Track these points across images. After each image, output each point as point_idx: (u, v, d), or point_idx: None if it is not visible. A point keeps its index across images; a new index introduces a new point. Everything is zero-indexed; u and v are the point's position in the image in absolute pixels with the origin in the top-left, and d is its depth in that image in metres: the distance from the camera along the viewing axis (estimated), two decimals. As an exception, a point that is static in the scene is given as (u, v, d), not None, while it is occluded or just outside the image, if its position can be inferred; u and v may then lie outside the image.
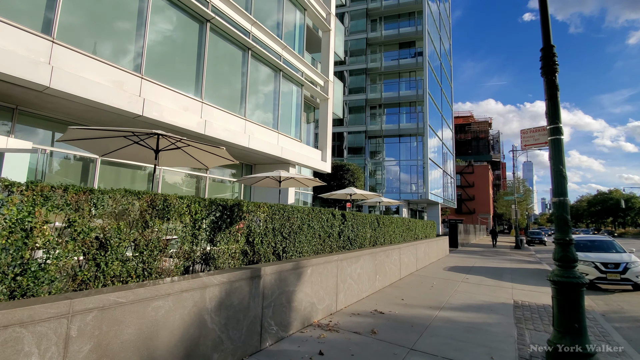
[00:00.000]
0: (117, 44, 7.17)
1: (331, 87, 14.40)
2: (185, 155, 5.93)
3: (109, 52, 6.99)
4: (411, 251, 10.60)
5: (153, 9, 7.79)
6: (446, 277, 10.15)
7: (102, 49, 6.88)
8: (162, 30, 8.12)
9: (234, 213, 4.26)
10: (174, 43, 8.33)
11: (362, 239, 7.92)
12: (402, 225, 11.14)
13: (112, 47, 7.05)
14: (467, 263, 14.17)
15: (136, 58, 7.34)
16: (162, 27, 8.12)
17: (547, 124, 4.24)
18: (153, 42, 7.80)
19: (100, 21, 6.93)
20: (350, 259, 6.38)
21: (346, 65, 36.09)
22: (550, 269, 13.50)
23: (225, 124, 9.17)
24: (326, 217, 6.41)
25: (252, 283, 3.86)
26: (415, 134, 33.48)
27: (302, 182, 9.27)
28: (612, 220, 68.15)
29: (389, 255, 8.51)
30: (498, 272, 11.77)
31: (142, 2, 7.57)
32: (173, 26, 8.37)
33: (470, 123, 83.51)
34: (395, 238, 10.45)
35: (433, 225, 16.42)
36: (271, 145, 10.64)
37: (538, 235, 33.44)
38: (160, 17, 8.06)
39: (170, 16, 8.30)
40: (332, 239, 6.60)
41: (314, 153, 13.54)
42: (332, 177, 26.00)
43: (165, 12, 8.16)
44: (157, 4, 7.92)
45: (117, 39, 7.20)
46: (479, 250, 22.18)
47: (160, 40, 7.99)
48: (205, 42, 8.88)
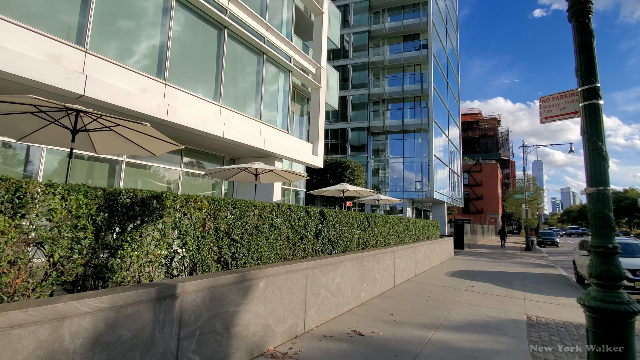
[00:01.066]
0: (53, 10, 6.14)
1: (324, 75, 13.26)
2: (121, 139, 4.86)
3: (43, 20, 5.96)
4: (409, 254, 9.41)
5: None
6: (448, 284, 8.94)
7: (34, 17, 5.86)
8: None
9: (150, 209, 3.17)
10: (130, 11, 7.26)
11: (347, 241, 6.78)
12: (399, 226, 9.95)
13: (48, 14, 6.02)
14: (472, 267, 12.91)
15: (80, 29, 6.30)
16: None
17: (578, 84, 3.05)
18: (102, 8, 6.75)
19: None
20: (326, 267, 5.25)
21: (349, 59, 34.87)
22: (565, 274, 12.17)
23: (194, 109, 8.11)
24: (298, 214, 5.29)
25: (160, 306, 2.76)
26: (419, 130, 32.12)
27: (282, 175, 8.16)
28: (628, 220, 65.53)
29: (380, 260, 7.35)
30: (507, 278, 10.50)
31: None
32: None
33: (478, 120, 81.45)
34: (391, 240, 9.28)
35: (436, 225, 15.16)
36: (252, 136, 9.56)
37: (550, 236, 31.78)
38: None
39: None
40: (307, 241, 5.48)
41: (304, 146, 12.42)
42: (331, 174, 24.87)
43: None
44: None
45: (53, 3, 6.18)
46: (487, 252, 20.82)
47: (111, 5, 6.93)
48: (170, 14, 7.81)
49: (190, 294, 3.03)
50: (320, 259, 5.18)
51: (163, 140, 4.60)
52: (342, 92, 34.39)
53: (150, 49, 7.51)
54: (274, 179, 8.57)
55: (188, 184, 9.87)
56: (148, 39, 7.53)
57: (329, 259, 5.37)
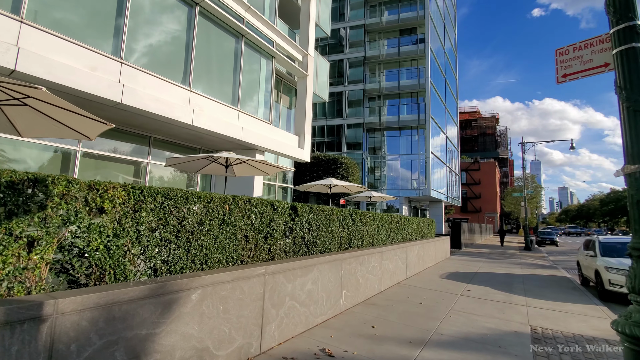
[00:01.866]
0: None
1: (311, 63, 12.39)
2: (45, 118, 3.99)
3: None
4: (399, 255, 8.58)
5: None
6: (442, 287, 8.11)
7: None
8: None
9: (25, 198, 2.31)
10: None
11: (326, 240, 5.94)
12: (389, 224, 9.12)
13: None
14: (470, 268, 12.09)
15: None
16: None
17: (610, 25, 2.21)
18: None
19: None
20: (292, 271, 4.40)
21: (344, 54, 34.01)
22: (568, 275, 11.37)
23: (158, 93, 7.23)
24: (261, 209, 4.44)
25: (12, 334, 1.91)
26: (416, 126, 31.30)
27: (258, 167, 7.30)
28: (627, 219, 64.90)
29: (364, 262, 6.50)
30: (507, 281, 9.69)
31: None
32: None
33: (476, 119, 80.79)
34: (380, 239, 8.45)
35: (431, 224, 14.35)
36: (227, 125, 8.69)
37: (549, 235, 31.05)
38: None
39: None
40: (273, 241, 4.64)
41: (289, 139, 11.55)
42: (324, 171, 24.03)
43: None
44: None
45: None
46: (485, 252, 20.02)
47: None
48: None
49: (71, 315, 2.17)
50: (285, 262, 4.33)
51: (91, 119, 3.73)
52: (338, 88, 33.55)
53: (102, 23, 6.63)
54: (250, 171, 7.71)
55: (158, 178, 9.00)
56: (103, 13, 6.65)
57: (297, 262, 4.52)
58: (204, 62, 8.57)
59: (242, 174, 7.84)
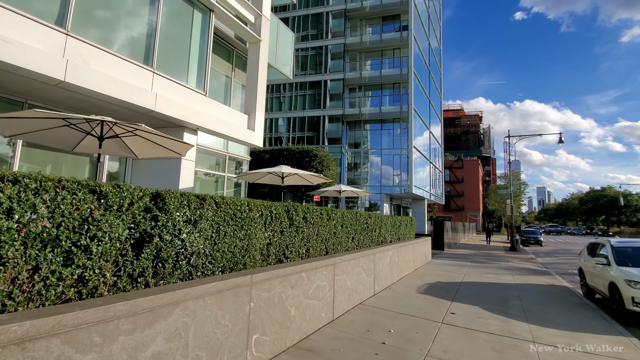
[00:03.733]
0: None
1: (266, 26, 10.11)
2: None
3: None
4: (364, 265, 6.48)
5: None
6: (418, 309, 6.06)
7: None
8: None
9: None
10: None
11: (235, 252, 3.74)
12: (353, 224, 7.01)
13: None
14: (453, 276, 10.17)
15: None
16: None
17: None
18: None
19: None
20: (125, 319, 2.17)
21: (324, 41, 31.77)
22: (567, 284, 9.61)
23: (10, 31, 4.84)
24: (53, 196, 2.19)
25: None
26: (399, 118, 29.49)
27: (156, 141, 5.00)
28: (605, 218, 65.65)
29: (300, 282, 4.34)
30: (500, 295, 7.76)
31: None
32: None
33: (460, 117, 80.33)
34: (340, 244, 6.34)
35: (410, 224, 12.37)
36: (132, 89, 6.35)
37: (534, 234, 29.90)
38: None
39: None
40: (92, 262, 2.41)
41: (234, 117, 9.24)
42: (297, 164, 21.81)
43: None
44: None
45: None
46: (469, 254, 18.31)
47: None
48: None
49: None
50: (80, 312, 2.09)
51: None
52: (317, 77, 31.37)
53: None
54: (155, 152, 5.39)
55: (36, 159, 6.57)
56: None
57: (122, 306, 2.28)
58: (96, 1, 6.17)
59: (146, 157, 5.51)
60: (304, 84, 32.06)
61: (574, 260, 17.71)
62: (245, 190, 11.68)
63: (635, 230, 53.79)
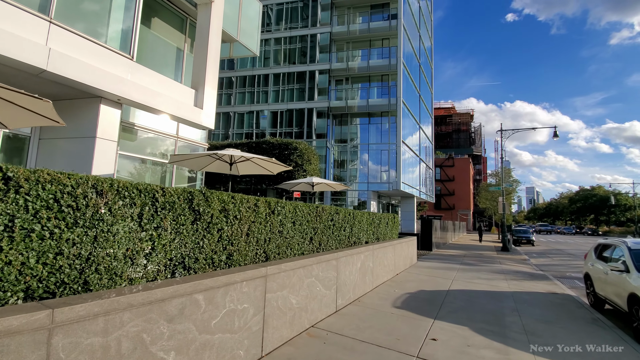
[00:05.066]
0: None
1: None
2: None
3: None
4: (320, 275, 4.96)
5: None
6: (388, 335, 4.56)
7: None
8: None
9: None
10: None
11: (62, 270, 2.16)
12: (312, 221, 5.49)
13: None
14: (439, 283, 8.74)
15: None
16: None
17: None
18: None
19: None
20: None
21: (309, 29, 30.17)
22: (569, 291, 8.26)
23: None
24: None
25: None
26: (387, 112, 28.09)
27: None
28: (594, 217, 65.49)
29: (187, 309, 2.78)
30: (494, 309, 6.33)
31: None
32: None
33: (452, 115, 79.60)
34: (290, 248, 4.82)
35: (393, 221, 10.91)
36: (15, 41, 4.71)
37: (525, 234, 28.84)
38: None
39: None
40: None
41: (175, 90, 7.59)
42: (276, 158, 20.21)
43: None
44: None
45: None
46: (459, 255, 16.98)
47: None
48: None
49: None
50: None
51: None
52: (302, 67, 29.79)
53: None
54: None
55: None
56: None
57: None
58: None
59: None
60: (289, 75, 30.42)
61: (569, 262, 16.53)
62: (202, 183, 10.06)
63: (624, 230, 53.60)
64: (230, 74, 32.43)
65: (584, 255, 8.52)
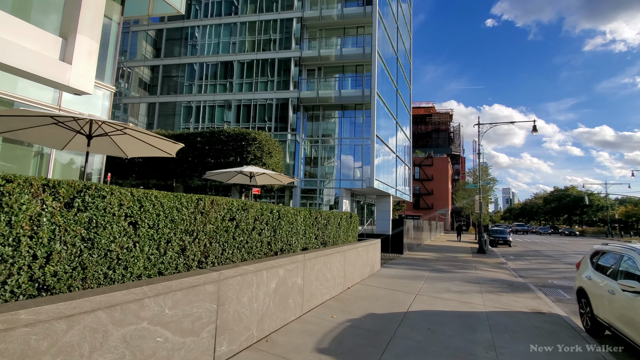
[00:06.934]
0: None
1: None
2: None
3: None
4: (169, 313, 2.88)
5: None
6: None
7: None
8: None
9: None
10: None
11: None
12: (195, 221, 3.39)
13: None
14: (399, 299, 6.84)
15: None
16: None
17: None
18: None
19: None
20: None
21: (278, 13, 27.99)
22: (560, 311, 6.55)
23: None
24: None
25: None
26: (361, 104, 26.31)
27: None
28: (567, 217, 66.57)
29: None
30: (464, 346, 4.45)
31: None
32: None
33: (431, 114, 79.31)
34: (126, 268, 2.69)
35: (350, 221, 8.95)
36: None
37: (502, 234, 27.81)
38: None
39: None
40: None
41: (27, 34, 5.34)
42: (233, 150, 17.95)
43: None
44: None
45: None
46: (431, 258, 15.30)
47: None
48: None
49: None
50: None
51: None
52: (269, 54, 27.55)
53: None
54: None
55: None
56: None
57: None
58: None
59: None
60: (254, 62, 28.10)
61: (548, 265, 15.20)
62: (103, 170, 7.74)
63: (597, 229, 54.39)
64: (190, 60, 29.69)
65: (576, 265, 6.84)
